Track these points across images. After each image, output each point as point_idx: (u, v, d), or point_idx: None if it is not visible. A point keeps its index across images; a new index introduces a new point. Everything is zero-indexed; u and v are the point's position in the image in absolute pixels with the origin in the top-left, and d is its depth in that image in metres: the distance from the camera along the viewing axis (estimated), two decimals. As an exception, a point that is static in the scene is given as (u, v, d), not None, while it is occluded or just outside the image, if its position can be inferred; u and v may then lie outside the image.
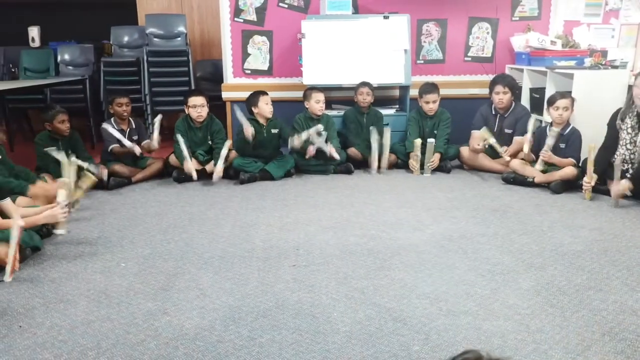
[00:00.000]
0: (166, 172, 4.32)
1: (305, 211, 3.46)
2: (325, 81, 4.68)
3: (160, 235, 3.06)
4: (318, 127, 4.20)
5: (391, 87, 5.09)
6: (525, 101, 4.90)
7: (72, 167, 3.31)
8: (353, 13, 4.83)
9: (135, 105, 4.38)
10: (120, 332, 2.03)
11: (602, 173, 3.59)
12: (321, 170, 4.40)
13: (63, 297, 2.31)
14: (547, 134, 3.89)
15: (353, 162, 4.51)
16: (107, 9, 6.85)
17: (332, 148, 4.24)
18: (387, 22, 4.77)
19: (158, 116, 4.28)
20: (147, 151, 4.35)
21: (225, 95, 5.17)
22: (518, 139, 4.30)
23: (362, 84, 4.55)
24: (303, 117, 4.48)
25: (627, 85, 4.08)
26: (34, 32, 6.38)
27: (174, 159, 4.25)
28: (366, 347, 1.91)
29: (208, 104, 4.29)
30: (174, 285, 2.42)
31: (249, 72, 5.17)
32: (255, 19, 5.04)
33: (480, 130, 4.22)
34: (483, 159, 4.45)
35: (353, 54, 4.75)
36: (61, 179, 3.08)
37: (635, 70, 4.86)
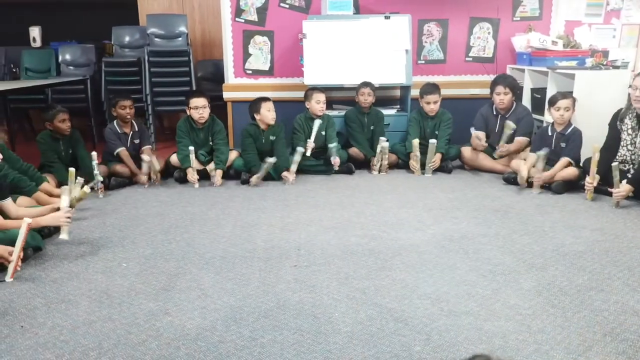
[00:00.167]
0: (167, 172, 4.32)
1: (307, 211, 3.46)
2: (326, 81, 4.68)
3: (162, 235, 3.06)
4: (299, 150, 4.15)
5: (392, 87, 5.09)
6: (527, 101, 4.91)
7: (76, 183, 3.29)
8: (354, 13, 4.82)
9: (136, 105, 4.36)
10: (121, 332, 2.03)
11: (604, 174, 3.58)
12: (322, 171, 4.40)
13: (65, 297, 2.32)
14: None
15: (354, 163, 4.51)
16: (108, 9, 6.86)
17: (336, 158, 4.27)
18: (388, 22, 4.77)
19: (145, 157, 4.09)
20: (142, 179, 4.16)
21: (227, 95, 5.18)
22: (519, 140, 4.30)
23: (363, 84, 4.55)
24: (304, 118, 4.48)
25: (628, 85, 4.08)
26: (35, 32, 6.39)
27: (174, 159, 4.25)
28: (367, 348, 1.92)
29: (209, 105, 4.29)
30: (175, 285, 2.42)
31: (250, 72, 5.17)
32: (257, 19, 5.05)
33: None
34: (484, 160, 4.45)
35: (354, 54, 4.75)
36: (64, 187, 3.07)
37: (637, 70, 4.86)
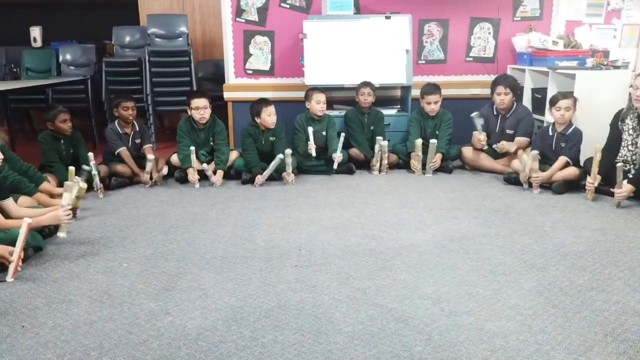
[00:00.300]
0: (168, 173, 4.31)
1: (307, 211, 3.46)
2: (326, 81, 4.68)
3: (162, 235, 3.07)
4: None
5: (393, 88, 5.09)
6: (527, 101, 4.91)
7: (75, 182, 3.29)
8: (355, 13, 4.83)
9: (137, 105, 4.36)
10: (122, 332, 2.03)
11: (605, 174, 3.58)
12: (323, 171, 4.40)
13: (65, 297, 2.32)
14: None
15: (355, 163, 4.51)
16: (108, 9, 6.87)
17: (339, 156, 4.29)
18: (388, 22, 4.77)
19: (149, 156, 4.07)
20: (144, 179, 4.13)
21: (227, 95, 5.18)
22: (519, 139, 4.30)
23: (363, 84, 4.55)
24: (304, 118, 4.48)
25: (629, 85, 4.08)
26: (36, 32, 6.40)
27: (175, 159, 4.25)
28: (368, 348, 1.92)
29: (211, 105, 4.29)
30: (176, 285, 2.42)
31: (251, 72, 5.17)
32: (257, 19, 5.05)
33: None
34: (484, 160, 4.45)
35: (355, 54, 4.75)
36: (67, 183, 3.07)
37: (637, 70, 4.86)
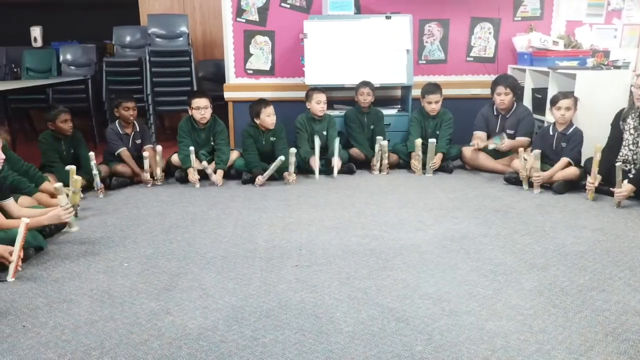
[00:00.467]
0: (168, 172, 4.32)
1: (308, 211, 3.46)
2: (327, 81, 4.68)
3: (163, 235, 3.07)
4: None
5: (393, 87, 5.10)
6: (528, 101, 4.91)
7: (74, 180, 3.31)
8: (355, 13, 4.83)
9: (137, 105, 4.36)
10: (123, 331, 2.04)
11: (605, 174, 3.58)
12: (323, 171, 4.40)
13: (66, 297, 2.32)
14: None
15: (355, 162, 4.51)
16: (109, 9, 6.87)
17: (337, 163, 4.30)
18: (389, 22, 4.77)
19: (144, 153, 4.10)
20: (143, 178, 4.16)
21: (228, 95, 5.18)
22: (520, 139, 4.30)
23: (362, 84, 4.55)
24: (305, 118, 4.48)
25: (629, 85, 4.08)
26: (36, 32, 6.40)
27: (175, 159, 4.25)
28: (369, 347, 1.92)
29: (211, 105, 4.29)
30: (176, 285, 2.42)
31: (251, 72, 5.17)
32: (258, 19, 5.05)
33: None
34: (485, 160, 4.45)
35: (355, 54, 4.76)
36: (58, 186, 3.05)
37: (638, 70, 4.86)
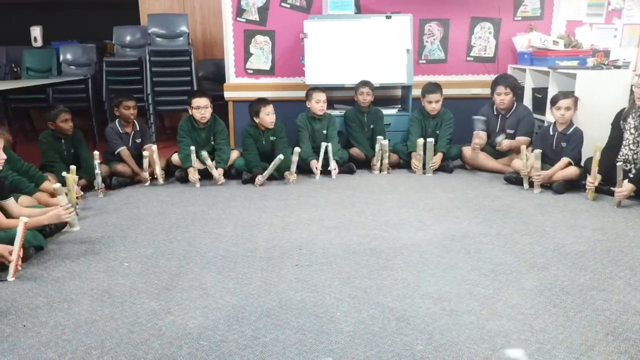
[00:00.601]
0: (168, 172, 4.32)
1: (308, 211, 3.46)
2: (327, 81, 4.68)
3: (163, 234, 3.07)
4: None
5: (393, 87, 5.09)
6: (528, 101, 4.91)
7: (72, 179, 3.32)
8: (355, 13, 4.83)
9: (137, 105, 4.37)
10: (124, 331, 2.04)
11: (605, 173, 3.58)
12: (322, 171, 4.39)
13: (67, 297, 2.32)
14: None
15: (355, 162, 4.51)
16: (109, 9, 6.87)
17: (334, 169, 4.31)
18: (389, 22, 4.77)
19: (144, 152, 4.11)
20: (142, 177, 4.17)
21: (228, 95, 5.18)
22: (520, 139, 4.30)
23: (361, 84, 4.54)
24: (305, 117, 4.48)
25: (629, 85, 4.08)
26: (37, 31, 6.40)
27: (175, 159, 4.25)
28: (369, 347, 1.92)
29: (212, 105, 4.29)
30: (177, 284, 2.42)
31: (251, 72, 5.17)
32: (258, 19, 5.05)
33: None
34: (485, 159, 4.45)
35: (355, 54, 4.75)
36: (57, 186, 3.06)
37: (638, 70, 4.86)
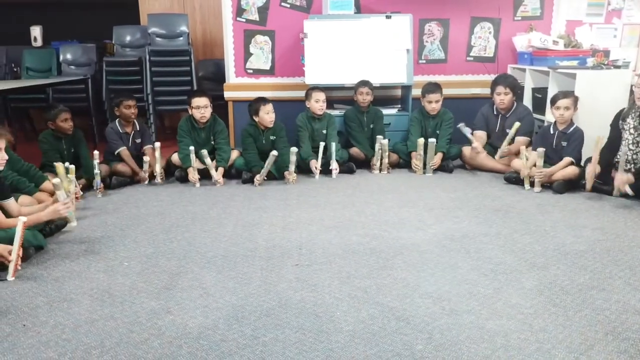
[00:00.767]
0: (168, 172, 4.31)
1: (308, 211, 3.46)
2: (327, 81, 4.68)
3: (163, 234, 3.07)
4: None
5: (393, 87, 5.10)
6: (528, 101, 4.91)
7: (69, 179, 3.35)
8: (355, 13, 4.83)
9: (137, 104, 4.37)
10: (123, 330, 2.04)
11: (604, 169, 3.59)
12: (322, 170, 4.39)
13: (66, 296, 2.32)
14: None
15: (355, 162, 4.51)
16: (109, 9, 6.88)
17: (335, 169, 4.30)
18: (389, 21, 4.77)
19: (145, 157, 4.14)
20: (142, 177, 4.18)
21: (228, 95, 5.18)
22: (520, 139, 4.30)
23: (361, 84, 4.54)
24: (305, 117, 4.49)
25: (629, 85, 4.08)
26: (36, 31, 6.40)
27: (175, 158, 4.25)
28: (369, 346, 1.92)
29: (211, 105, 4.29)
30: (177, 284, 2.42)
31: (251, 71, 5.17)
32: (258, 19, 5.05)
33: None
34: (485, 159, 4.45)
35: (355, 54, 4.75)
36: (55, 181, 3.08)
37: (638, 70, 4.86)
